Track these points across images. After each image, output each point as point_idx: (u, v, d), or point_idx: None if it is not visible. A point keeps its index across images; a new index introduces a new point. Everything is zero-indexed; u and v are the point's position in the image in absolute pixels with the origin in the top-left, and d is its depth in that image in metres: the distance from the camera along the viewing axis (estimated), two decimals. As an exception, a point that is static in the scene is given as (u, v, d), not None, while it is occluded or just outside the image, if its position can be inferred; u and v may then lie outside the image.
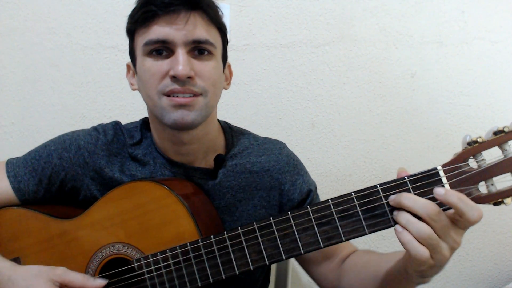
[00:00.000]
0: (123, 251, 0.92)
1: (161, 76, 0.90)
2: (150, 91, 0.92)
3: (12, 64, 1.57)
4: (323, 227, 0.77)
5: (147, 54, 0.91)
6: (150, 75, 0.91)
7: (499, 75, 1.65)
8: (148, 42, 0.90)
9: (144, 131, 1.06)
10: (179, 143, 0.99)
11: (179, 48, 0.89)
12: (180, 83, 0.89)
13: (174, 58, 0.89)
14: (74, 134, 1.05)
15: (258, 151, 1.08)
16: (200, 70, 0.91)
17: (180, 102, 0.90)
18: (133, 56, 0.98)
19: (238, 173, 1.04)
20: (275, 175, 1.06)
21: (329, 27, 1.62)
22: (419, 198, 0.71)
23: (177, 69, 0.88)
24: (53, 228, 0.98)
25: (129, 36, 0.97)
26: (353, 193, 0.76)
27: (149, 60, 0.91)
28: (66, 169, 1.01)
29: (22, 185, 1.01)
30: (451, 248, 0.72)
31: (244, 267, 0.81)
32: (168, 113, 0.91)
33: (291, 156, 1.11)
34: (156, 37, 0.89)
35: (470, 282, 1.77)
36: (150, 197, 0.91)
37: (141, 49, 0.92)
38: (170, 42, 0.89)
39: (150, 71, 0.91)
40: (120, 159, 1.03)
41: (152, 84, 0.91)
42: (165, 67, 0.90)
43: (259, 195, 1.05)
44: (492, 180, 0.73)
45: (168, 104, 0.90)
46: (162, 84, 0.90)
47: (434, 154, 1.67)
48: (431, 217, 0.69)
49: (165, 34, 0.89)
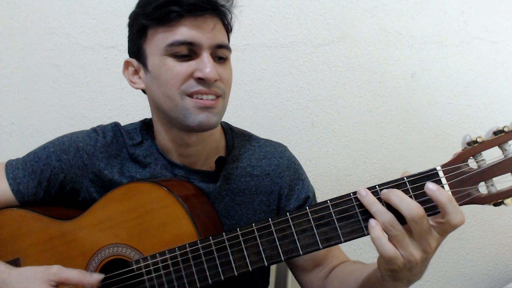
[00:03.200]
0: (122, 252, 0.92)
1: (185, 77, 0.90)
2: (171, 91, 0.91)
3: (12, 64, 1.58)
4: (322, 228, 0.77)
5: (170, 54, 0.90)
6: (173, 75, 0.90)
7: (499, 75, 1.65)
8: (175, 43, 0.89)
9: (144, 132, 1.05)
10: (184, 144, 0.99)
11: (204, 51, 0.90)
12: (206, 85, 0.90)
13: (200, 61, 0.90)
14: (73, 136, 1.04)
15: (259, 154, 1.07)
16: (221, 74, 0.93)
17: (206, 104, 0.90)
18: (140, 53, 0.95)
19: (239, 176, 1.04)
20: (275, 179, 1.06)
21: (329, 27, 1.62)
22: (406, 198, 0.70)
23: (206, 72, 0.88)
24: (53, 229, 0.98)
25: (137, 32, 0.94)
26: (352, 194, 0.76)
27: (171, 60, 0.90)
28: (65, 171, 1.01)
29: (22, 187, 1.01)
30: (423, 251, 0.71)
31: (243, 268, 0.81)
32: (192, 115, 0.91)
33: (292, 160, 1.10)
34: (183, 38, 0.89)
35: (470, 282, 1.77)
36: (149, 198, 0.91)
37: (162, 48, 0.90)
38: (197, 45, 0.89)
39: (173, 71, 0.90)
40: (120, 161, 1.02)
41: (174, 84, 0.90)
42: (189, 69, 0.90)
43: (259, 199, 1.04)
44: (492, 181, 0.72)
45: (193, 106, 0.90)
46: (186, 84, 0.90)
47: (434, 154, 1.67)
48: (413, 219, 0.69)
49: (193, 37, 0.89)
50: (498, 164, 0.71)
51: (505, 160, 0.71)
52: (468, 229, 1.75)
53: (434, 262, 1.75)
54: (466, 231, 1.75)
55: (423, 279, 1.90)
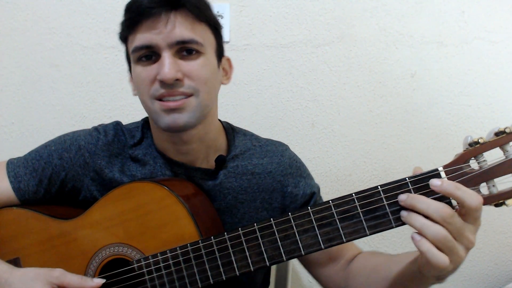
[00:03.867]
0: (123, 251, 0.92)
1: (151, 81, 0.91)
2: (143, 96, 0.94)
3: (12, 64, 1.58)
4: (324, 228, 0.77)
5: (136, 61, 0.93)
6: (141, 81, 0.92)
7: (499, 75, 1.64)
8: (135, 49, 0.91)
9: (145, 130, 1.06)
10: (179, 142, 0.99)
11: (164, 51, 0.89)
12: (168, 87, 0.89)
13: (160, 62, 0.90)
14: (74, 135, 1.05)
15: (260, 153, 1.07)
16: (188, 70, 0.91)
17: (170, 106, 0.90)
18: (129, 62, 0.99)
19: (240, 175, 1.04)
20: (278, 177, 1.06)
21: (329, 27, 1.62)
22: (432, 201, 0.70)
23: (162, 73, 0.88)
24: (53, 228, 0.98)
25: (123, 43, 0.98)
26: (354, 194, 0.76)
27: (138, 66, 0.93)
28: (67, 170, 1.01)
29: (22, 185, 1.01)
30: (466, 248, 0.72)
31: (245, 268, 0.81)
32: (160, 117, 0.92)
33: (294, 158, 1.11)
34: (140, 43, 0.90)
35: (470, 282, 1.77)
36: (150, 197, 0.91)
37: (131, 56, 0.94)
38: (154, 47, 0.89)
39: (140, 77, 0.92)
40: (121, 160, 1.03)
41: (144, 89, 0.93)
42: (153, 72, 0.90)
43: (261, 197, 1.04)
44: (494, 182, 0.73)
45: (160, 109, 0.91)
46: (153, 88, 0.91)
47: (434, 154, 1.67)
48: (445, 220, 0.69)
49: (148, 39, 0.89)
50: (500, 165, 0.72)
51: (507, 161, 0.71)
52: (468, 229, 1.75)
53: (434, 262, 1.74)
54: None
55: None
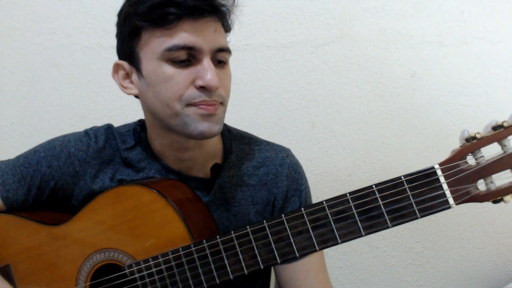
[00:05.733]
0: (114, 257, 0.90)
1: (186, 86, 0.84)
2: (171, 101, 0.84)
3: (12, 64, 1.58)
4: (318, 230, 0.76)
5: (168, 59, 0.83)
6: (173, 84, 0.84)
7: (499, 75, 1.64)
8: (173, 48, 0.82)
9: (137, 135, 1.01)
10: (182, 149, 0.94)
11: (205, 56, 0.84)
12: (208, 94, 0.84)
13: (201, 68, 0.83)
14: (64, 140, 1.00)
15: (257, 160, 1.02)
16: (221, 79, 0.86)
17: (210, 110, 0.85)
18: (133, 56, 0.87)
19: (234, 186, 0.99)
20: (272, 189, 1.01)
21: (329, 27, 1.62)
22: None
23: (207, 80, 0.82)
24: (42, 234, 0.95)
25: (129, 33, 0.86)
26: (348, 194, 0.75)
27: (169, 67, 0.84)
28: (56, 179, 0.98)
29: (11, 194, 0.97)
30: None
31: (239, 272, 0.79)
32: (194, 123, 0.85)
33: (293, 168, 1.04)
34: (183, 43, 0.82)
35: (470, 282, 1.76)
36: (140, 201, 0.88)
37: (158, 53, 0.83)
38: (197, 50, 0.83)
39: (172, 79, 0.83)
40: (113, 166, 0.99)
41: (174, 93, 0.84)
42: (190, 76, 0.84)
43: (255, 210, 1.01)
44: (491, 178, 0.71)
45: (196, 114, 0.85)
46: (188, 94, 0.84)
47: (434, 154, 1.67)
48: None
49: (194, 42, 0.82)
50: (498, 160, 0.70)
51: (505, 156, 0.69)
52: (468, 229, 1.75)
53: (434, 262, 1.75)
54: (466, 231, 1.75)
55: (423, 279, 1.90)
